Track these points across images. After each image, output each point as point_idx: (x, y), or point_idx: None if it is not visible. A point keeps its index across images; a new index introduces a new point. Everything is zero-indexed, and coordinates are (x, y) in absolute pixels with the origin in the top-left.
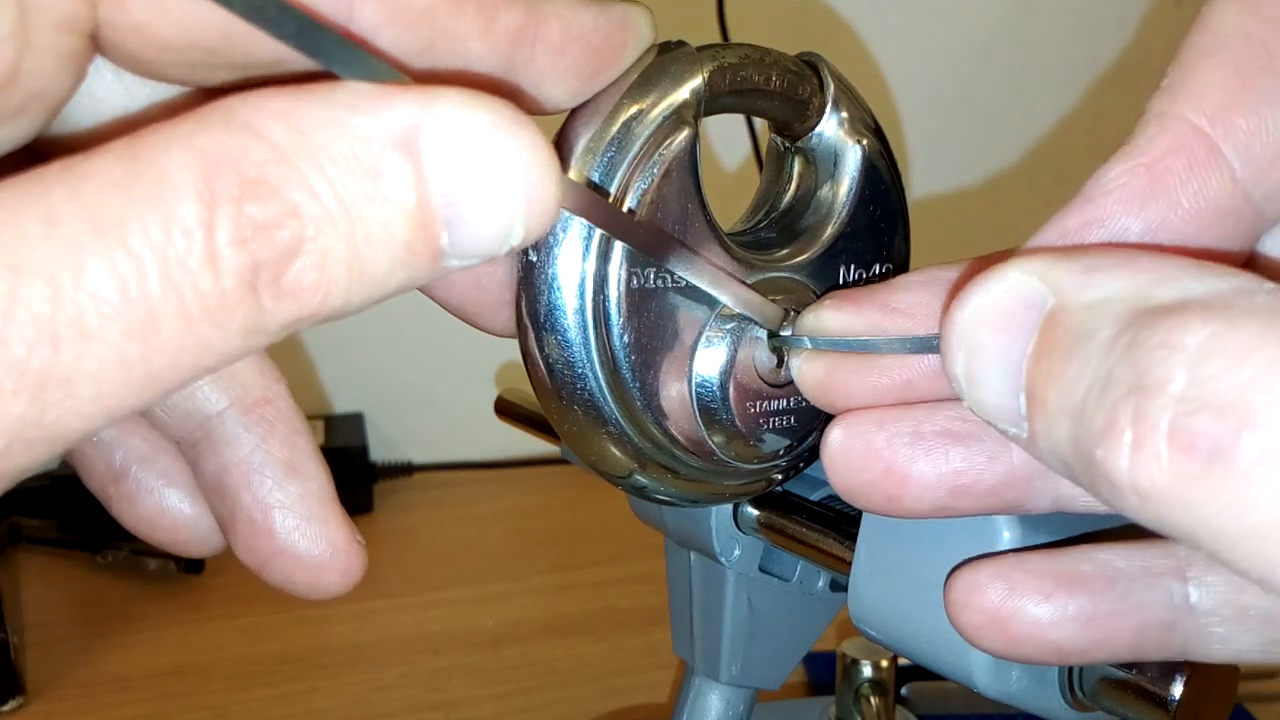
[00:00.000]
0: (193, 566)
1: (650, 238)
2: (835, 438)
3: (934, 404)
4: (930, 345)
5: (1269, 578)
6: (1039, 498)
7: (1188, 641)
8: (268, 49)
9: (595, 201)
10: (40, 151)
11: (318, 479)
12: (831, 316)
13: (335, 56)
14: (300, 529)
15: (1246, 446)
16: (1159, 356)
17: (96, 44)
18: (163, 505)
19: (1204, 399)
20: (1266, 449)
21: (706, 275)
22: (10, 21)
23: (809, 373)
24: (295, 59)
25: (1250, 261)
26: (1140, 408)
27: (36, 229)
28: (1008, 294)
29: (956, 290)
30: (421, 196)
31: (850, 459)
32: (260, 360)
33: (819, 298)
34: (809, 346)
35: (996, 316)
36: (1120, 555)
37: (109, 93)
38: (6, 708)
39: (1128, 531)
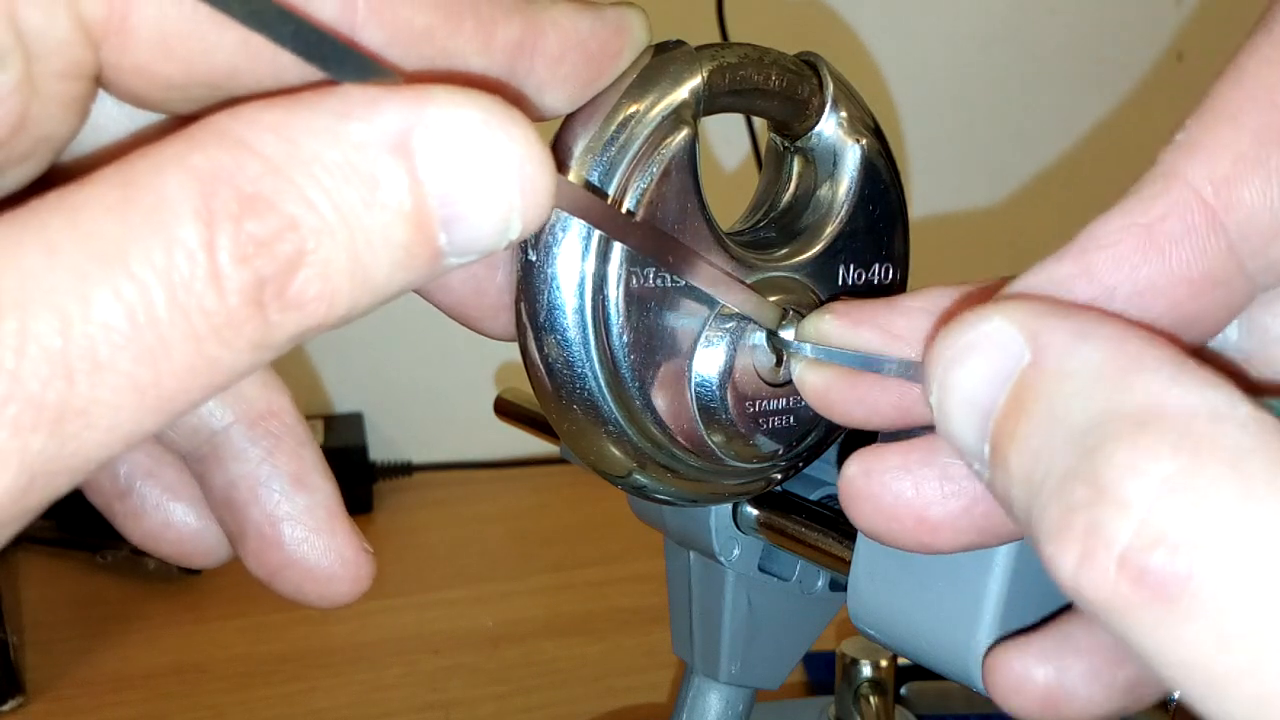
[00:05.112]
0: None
1: (649, 238)
2: (858, 482)
3: None
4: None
5: (1201, 707)
6: None
7: None
8: (270, 80)
9: (594, 202)
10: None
11: (324, 490)
12: (832, 330)
13: (331, 58)
14: (309, 541)
15: (1192, 593)
16: (1123, 476)
17: (99, 82)
18: (168, 519)
19: (1160, 534)
20: (1210, 597)
21: (705, 275)
22: (17, 72)
23: (810, 381)
24: (297, 83)
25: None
26: (1095, 523)
27: (39, 261)
28: (987, 339)
29: (946, 320)
30: (418, 199)
31: (878, 506)
32: (263, 372)
33: (822, 303)
34: (809, 354)
35: (973, 360)
36: None
37: (110, 120)
38: (6, 707)
39: None
